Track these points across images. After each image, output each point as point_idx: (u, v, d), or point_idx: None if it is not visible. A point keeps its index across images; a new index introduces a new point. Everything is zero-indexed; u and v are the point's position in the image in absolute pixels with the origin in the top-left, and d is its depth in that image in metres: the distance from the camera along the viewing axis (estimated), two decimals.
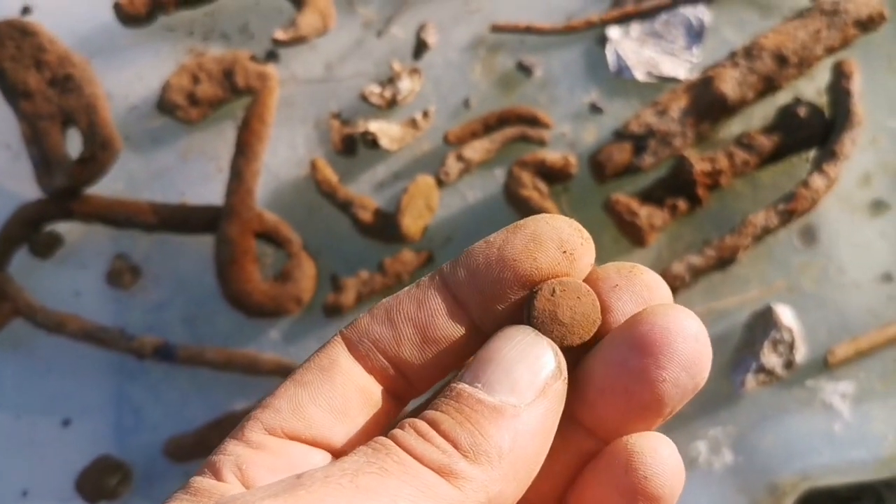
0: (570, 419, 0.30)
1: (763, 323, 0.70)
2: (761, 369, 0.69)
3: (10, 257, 0.76)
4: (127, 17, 0.79)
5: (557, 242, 0.30)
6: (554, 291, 0.30)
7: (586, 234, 0.31)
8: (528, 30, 0.77)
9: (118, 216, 0.75)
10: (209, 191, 0.78)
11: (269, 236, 0.74)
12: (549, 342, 0.29)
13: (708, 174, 0.70)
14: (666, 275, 0.68)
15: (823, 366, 0.71)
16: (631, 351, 0.29)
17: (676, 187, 0.70)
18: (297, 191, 0.77)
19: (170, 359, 0.73)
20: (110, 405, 0.76)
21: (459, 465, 0.27)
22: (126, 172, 0.78)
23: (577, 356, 0.31)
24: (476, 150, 0.75)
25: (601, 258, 0.73)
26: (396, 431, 0.28)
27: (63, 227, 0.78)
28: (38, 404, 0.76)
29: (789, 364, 0.70)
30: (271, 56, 0.80)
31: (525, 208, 0.71)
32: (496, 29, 0.77)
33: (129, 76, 0.80)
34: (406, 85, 0.77)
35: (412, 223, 0.72)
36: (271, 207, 0.76)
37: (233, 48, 0.80)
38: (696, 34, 0.77)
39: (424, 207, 0.74)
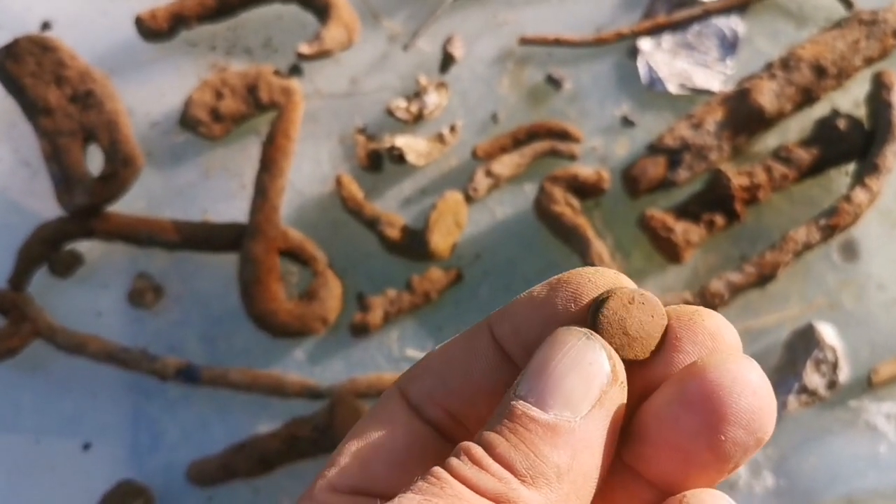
0: (630, 470, 0.29)
1: (805, 342, 0.68)
2: (804, 390, 0.67)
3: (30, 277, 0.74)
4: (148, 32, 0.77)
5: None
6: (633, 300, 0.29)
7: (631, 285, 0.30)
8: (557, 42, 0.76)
9: (140, 234, 0.74)
10: (232, 208, 0.76)
11: (295, 254, 0.73)
12: (602, 344, 0.28)
13: (746, 189, 0.68)
14: (704, 292, 0.67)
15: (867, 385, 0.68)
16: (684, 408, 0.27)
17: (713, 202, 0.69)
18: (322, 208, 0.76)
19: (193, 380, 0.71)
20: (129, 427, 0.74)
21: (517, 491, 0.26)
22: (147, 190, 0.77)
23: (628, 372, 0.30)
24: (505, 164, 0.74)
25: (635, 275, 0.71)
26: (451, 460, 0.27)
27: (83, 246, 0.76)
28: (58, 427, 0.74)
29: (832, 384, 0.68)
30: (295, 70, 0.78)
31: (557, 224, 0.70)
32: (524, 42, 0.76)
33: (151, 92, 0.79)
34: (433, 99, 0.75)
35: (441, 240, 0.71)
36: (296, 225, 0.74)
37: (256, 63, 0.78)
38: (729, 45, 0.75)
39: (453, 224, 0.72)
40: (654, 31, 0.75)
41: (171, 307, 0.75)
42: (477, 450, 0.27)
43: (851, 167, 0.71)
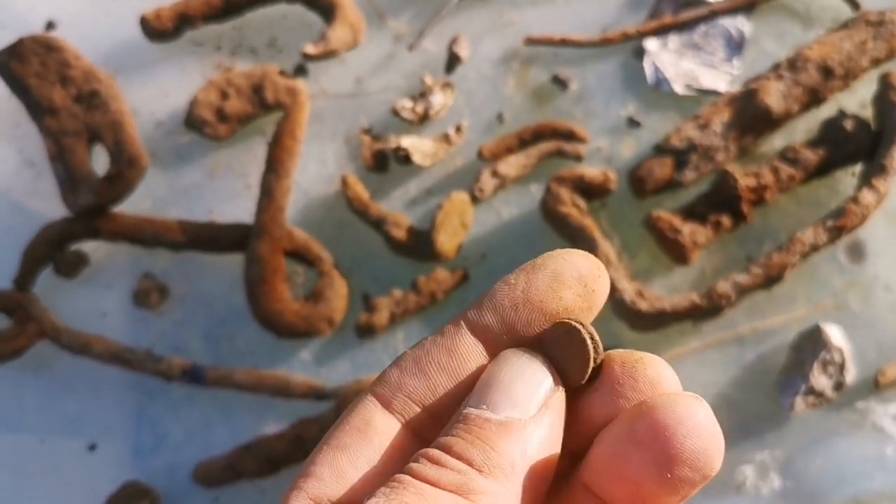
0: (589, 491, 0.30)
1: (812, 343, 0.68)
2: (810, 391, 0.67)
3: (36, 277, 0.74)
4: (153, 32, 0.77)
5: (578, 278, 0.31)
6: (577, 331, 0.31)
7: (601, 265, 0.32)
8: (563, 42, 0.76)
9: (145, 235, 0.74)
10: (237, 208, 0.76)
11: (300, 255, 0.73)
12: (543, 360, 0.30)
13: (753, 189, 0.68)
14: (711, 293, 0.66)
15: (874, 387, 0.68)
16: (633, 446, 0.29)
17: (720, 203, 0.68)
18: (327, 208, 0.76)
19: (199, 381, 0.71)
20: (134, 428, 0.74)
21: (476, 482, 0.28)
22: (152, 190, 0.76)
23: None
24: (511, 165, 0.73)
25: (641, 276, 0.71)
26: (411, 465, 0.29)
27: (88, 247, 0.76)
28: (63, 428, 0.74)
29: (839, 385, 0.68)
30: (300, 70, 0.78)
31: (564, 225, 0.69)
32: (530, 42, 0.76)
33: (156, 92, 0.79)
34: (438, 99, 0.75)
35: (447, 241, 0.71)
36: (301, 225, 0.74)
37: (261, 63, 0.78)
38: (736, 46, 0.75)
39: (459, 225, 0.72)
40: (661, 32, 0.75)
41: (176, 307, 0.75)
42: (434, 452, 0.29)
43: (858, 168, 0.71)
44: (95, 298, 0.75)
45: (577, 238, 0.69)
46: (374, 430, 0.30)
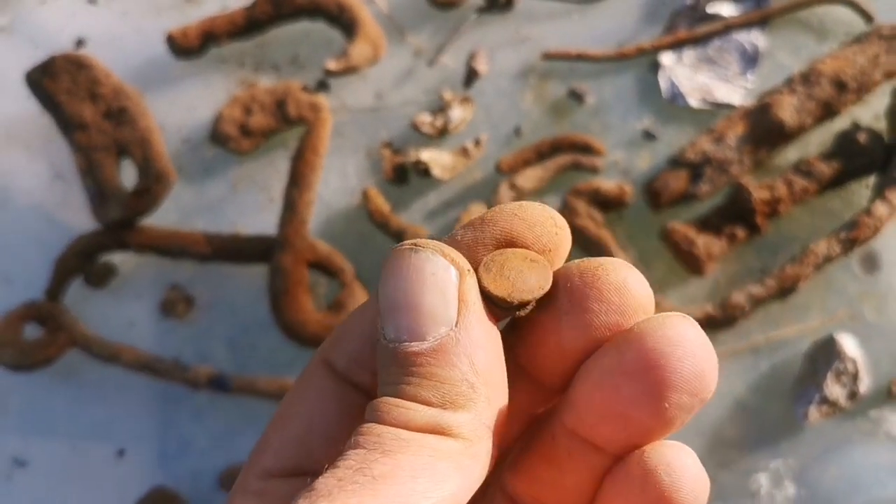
0: (574, 436, 0.28)
1: (825, 353, 0.69)
2: (824, 401, 0.68)
3: (66, 288, 0.77)
4: (179, 50, 0.79)
5: (532, 238, 0.28)
6: (525, 257, 0.28)
7: (560, 220, 0.29)
8: (580, 57, 0.77)
9: (172, 247, 0.76)
10: (261, 221, 0.78)
11: (323, 266, 0.74)
12: (433, 248, 0.27)
13: (767, 202, 0.69)
14: (725, 304, 0.67)
15: (887, 396, 0.69)
16: (625, 378, 0.26)
17: (734, 215, 0.70)
18: (348, 220, 0.78)
19: (224, 389, 0.73)
20: (160, 434, 0.76)
21: (446, 419, 0.26)
22: (179, 203, 0.79)
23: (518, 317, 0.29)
24: (529, 178, 0.75)
25: (656, 287, 0.72)
26: (373, 413, 0.26)
27: (117, 258, 0.78)
28: (93, 434, 0.76)
29: (853, 395, 0.69)
30: (322, 86, 0.80)
31: (580, 237, 0.71)
32: (547, 57, 0.77)
33: (182, 108, 0.81)
34: (457, 114, 0.77)
35: None
36: (323, 237, 0.76)
37: (284, 78, 0.80)
38: (750, 59, 0.76)
39: None
40: (676, 46, 0.76)
41: (202, 317, 0.77)
42: (391, 399, 0.26)
43: (872, 180, 0.72)
44: (124, 308, 0.78)
45: (594, 250, 0.70)
46: (327, 395, 0.29)
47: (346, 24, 0.78)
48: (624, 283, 0.28)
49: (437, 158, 0.76)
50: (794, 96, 0.71)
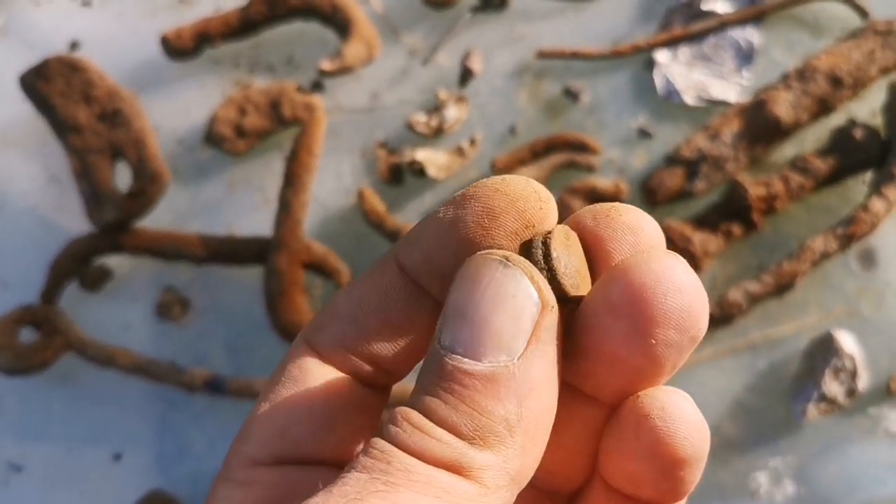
0: (569, 388, 0.27)
1: (823, 350, 0.69)
2: (823, 398, 0.68)
3: (62, 291, 0.76)
4: (174, 51, 0.79)
5: (514, 214, 0.26)
6: (567, 236, 0.27)
7: (545, 193, 0.27)
8: (575, 55, 0.77)
9: (167, 249, 0.76)
10: (256, 222, 0.78)
11: (318, 267, 0.74)
12: (523, 269, 0.25)
13: (763, 199, 0.69)
14: (722, 302, 0.67)
15: (886, 393, 0.69)
16: (610, 315, 0.25)
17: (731, 212, 0.69)
18: (344, 220, 0.77)
19: (220, 391, 0.73)
20: (157, 437, 0.76)
21: (469, 456, 0.24)
22: (173, 205, 0.78)
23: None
24: None
25: None
26: (391, 429, 0.25)
27: (112, 261, 0.78)
28: (89, 438, 0.76)
29: (851, 392, 0.68)
30: (317, 86, 0.80)
31: None
32: (542, 55, 0.77)
33: (176, 109, 0.81)
34: (452, 113, 0.76)
35: None
36: (319, 237, 0.76)
37: (278, 79, 0.80)
38: (745, 56, 0.76)
39: None
40: (671, 43, 0.76)
41: (198, 320, 0.77)
42: (417, 416, 0.25)
43: (868, 176, 0.72)
44: (119, 311, 0.77)
45: None
46: (311, 378, 0.28)
47: (341, 25, 0.78)
48: (638, 222, 0.27)
49: (432, 158, 0.75)
50: (789, 92, 0.70)
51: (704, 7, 0.77)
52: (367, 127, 0.79)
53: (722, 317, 0.67)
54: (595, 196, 0.71)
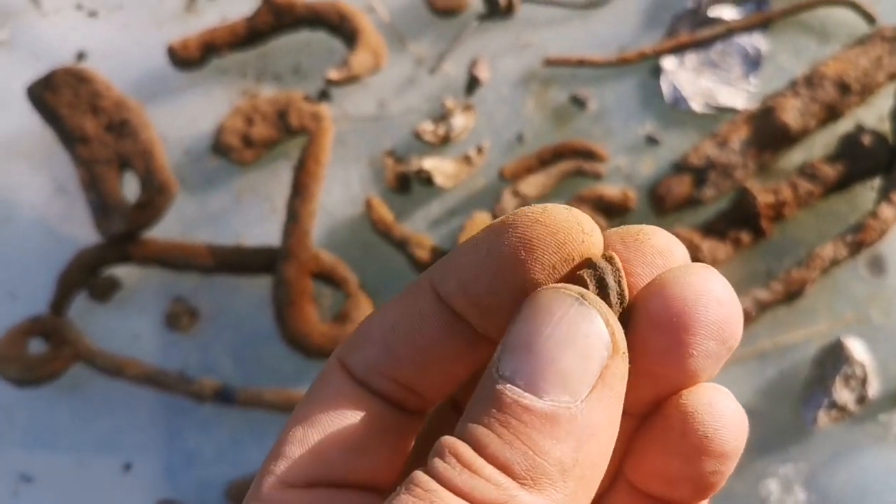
0: None
1: (833, 357, 0.69)
2: (833, 405, 0.68)
3: (70, 302, 0.76)
4: (180, 61, 0.79)
5: (554, 246, 0.26)
6: (611, 259, 0.26)
7: (589, 224, 0.26)
8: (581, 63, 0.77)
9: (175, 259, 0.76)
10: (264, 231, 0.78)
11: (327, 277, 0.74)
12: (599, 309, 0.24)
13: (772, 206, 0.68)
14: None
15: None
16: (653, 330, 0.25)
17: (739, 220, 0.69)
18: (352, 230, 0.77)
19: (229, 402, 0.73)
20: (166, 447, 0.76)
21: (518, 498, 0.23)
22: (181, 215, 0.78)
23: None
24: (532, 185, 0.75)
25: None
26: (437, 463, 0.24)
27: (121, 271, 0.78)
28: (99, 448, 0.76)
29: (862, 399, 0.68)
30: (324, 95, 0.80)
31: None
32: (549, 63, 0.77)
33: (183, 119, 0.81)
34: (459, 121, 0.76)
35: None
36: (327, 247, 0.76)
37: (286, 88, 0.80)
38: (752, 63, 0.76)
39: None
40: (678, 50, 0.76)
41: (207, 330, 0.77)
42: (465, 449, 0.24)
43: (877, 182, 0.72)
44: (128, 322, 0.78)
45: None
46: (346, 401, 0.27)
47: (347, 34, 0.78)
48: (667, 245, 0.27)
49: (439, 167, 0.75)
50: (797, 99, 0.70)
51: (711, 14, 0.77)
52: (374, 136, 0.79)
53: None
54: (603, 204, 0.71)
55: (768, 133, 0.70)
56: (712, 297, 0.25)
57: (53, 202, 0.80)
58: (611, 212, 0.72)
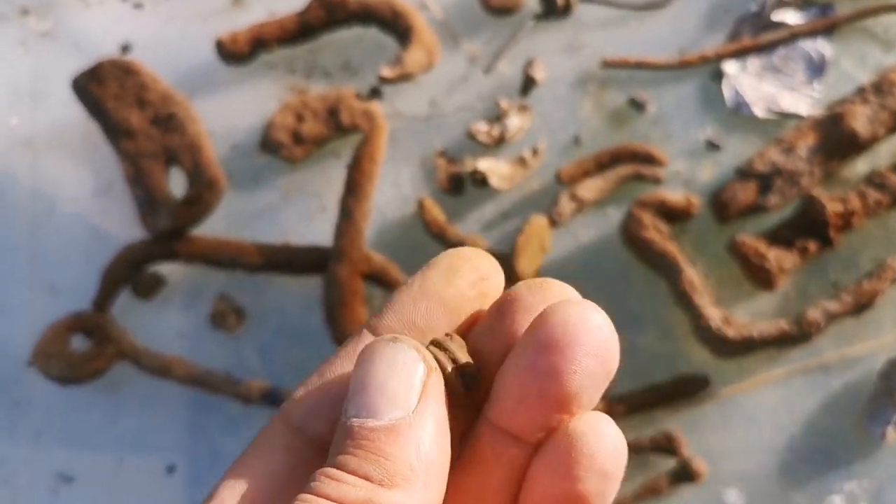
0: (497, 430, 0.30)
1: None
2: None
3: (114, 299, 0.75)
4: (229, 56, 0.78)
5: (472, 269, 0.32)
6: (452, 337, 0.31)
7: (495, 263, 0.33)
8: (640, 65, 0.75)
9: (222, 257, 0.74)
10: (311, 230, 0.76)
11: (378, 278, 0.73)
12: (409, 344, 0.30)
13: (840, 215, 0.67)
14: (801, 321, 0.66)
15: None
16: (537, 353, 0.29)
17: (806, 228, 0.68)
18: (403, 230, 0.76)
19: (277, 404, 0.71)
20: (208, 448, 0.74)
21: (380, 496, 0.28)
22: (227, 212, 0.77)
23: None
24: (589, 189, 0.73)
25: (723, 302, 0.70)
26: (312, 483, 0.28)
27: (165, 269, 0.76)
28: (141, 449, 0.75)
29: None
30: (375, 93, 0.78)
31: (646, 250, 0.69)
32: (607, 64, 0.75)
33: (231, 114, 0.79)
34: (514, 122, 0.75)
35: (527, 265, 0.70)
36: (377, 247, 0.74)
37: (335, 85, 0.79)
38: (816, 68, 0.74)
39: (538, 248, 0.71)
40: (740, 54, 0.75)
41: (253, 329, 0.75)
42: (332, 471, 0.28)
43: None
44: (173, 320, 0.76)
45: (661, 263, 0.68)
46: (277, 449, 0.31)
47: (401, 31, 0.76)
48: (564, 292, 0.31)
49: (494, 168, 0.74)
50: (866, 106, 0.69)
51: (774, 18, 0.75)
52: (425, 135, 0.77)
53: (800, 335, 0.65)
54: (665, 209, 0.70)
55: (836, 140, 0.69)
56: (592, 323, 0.29)
57: (97, 197, 0.79)
58: (672, 217, 0.70)
